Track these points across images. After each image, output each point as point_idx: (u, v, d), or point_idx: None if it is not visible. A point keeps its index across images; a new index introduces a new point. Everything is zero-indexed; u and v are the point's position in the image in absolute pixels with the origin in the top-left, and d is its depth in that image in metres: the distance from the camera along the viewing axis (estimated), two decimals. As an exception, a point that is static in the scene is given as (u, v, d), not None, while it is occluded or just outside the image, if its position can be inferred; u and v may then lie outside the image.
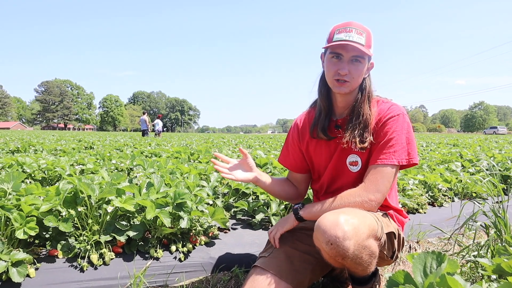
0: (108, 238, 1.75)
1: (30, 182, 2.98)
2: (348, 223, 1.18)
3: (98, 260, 1.70)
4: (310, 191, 2.60)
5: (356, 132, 1.44)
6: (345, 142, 1.46)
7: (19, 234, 1.57)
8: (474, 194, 3.43)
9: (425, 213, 2.90)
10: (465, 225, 1.88)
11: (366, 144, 1.43)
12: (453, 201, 3.34)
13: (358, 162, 1.48)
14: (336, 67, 1.41)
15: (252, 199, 2.76)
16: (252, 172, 1.59)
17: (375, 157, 1.41)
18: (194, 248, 1.94)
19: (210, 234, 2.07)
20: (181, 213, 1.86)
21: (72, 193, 1.84)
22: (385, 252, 1.42)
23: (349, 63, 1.40)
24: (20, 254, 1.51)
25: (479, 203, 1.94)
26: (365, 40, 1.39)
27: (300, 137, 1.65)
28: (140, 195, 1.96)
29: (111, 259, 1.74)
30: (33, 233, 1.58)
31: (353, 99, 1.50)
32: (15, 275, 1.48)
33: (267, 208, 2.48)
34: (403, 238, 1.55)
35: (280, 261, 1.38)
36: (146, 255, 1.81)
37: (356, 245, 1.18)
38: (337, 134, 1.52)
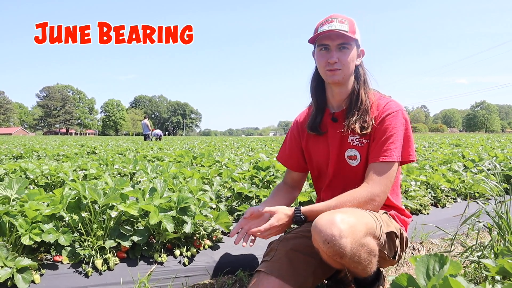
0: (113, 243, 1.76)
1: (33, 188, 2.99)
2: (344, 222, 1.19)
3: (103, 265, 1.70)
4: (313, 193, 2.61)
5: (355, 117, 1.45)
6: (345, 129, 1.47)
7: (25, 240, 1.58)
8: (477, 195, 3.43)
9: (428, 214, 2.90)
10: (468, 226, 1.88)
11: (368, 130, 1.43)
12: (456, 201, 3.34)
13: (357, 156, 1.49)
14: (326, 58, 1.45)
15: (255, 202, 2.77)
16: (272, 216, 1.41)
17: (375, 154, 1.42)
18: (198, 252, 1.94)
19: (214, 238, 2.07)
20: (185, 218, 1.87)
21: (76, 198, 1.85)
22: (386, 252, 1.42)
23: (337, 51, 1.44)
24: (25, 261, 1.52)
25: (482, 203, 1.94)
26: (348, 26, 1.44)
27: (300, 133, 1.67)
28: (144, 200, 1.97)
29: (116, 264, 1.75)
30: (38, 239, 1.59)
31: (350, 90, 1.53)
32: (20, 282, 1.49)
33: (270, 211, 2.48)
34: (406, 238, 1.55)
35: (282, 265, 1.38)
36: (150, 260, 1.82)
37: (353, 243, 1.19)
38: (333, 128, 1.54)
